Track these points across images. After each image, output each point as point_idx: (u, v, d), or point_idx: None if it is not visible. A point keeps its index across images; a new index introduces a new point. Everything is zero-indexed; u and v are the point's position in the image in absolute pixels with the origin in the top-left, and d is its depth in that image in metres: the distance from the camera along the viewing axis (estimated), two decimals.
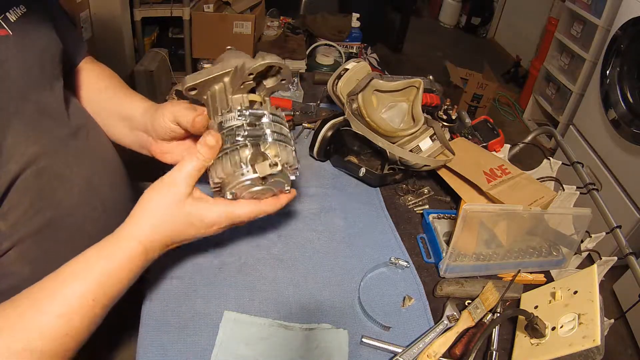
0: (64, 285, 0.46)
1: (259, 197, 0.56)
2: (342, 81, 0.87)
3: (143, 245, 0.50)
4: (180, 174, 0.51)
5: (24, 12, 0.55)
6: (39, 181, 0.54)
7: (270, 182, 0.54)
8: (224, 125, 0.54)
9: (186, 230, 0.53)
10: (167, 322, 0.59)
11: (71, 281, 0.47)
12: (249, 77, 0.55)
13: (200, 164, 0.52)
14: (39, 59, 0.56)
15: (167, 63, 2.55)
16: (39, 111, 0.55)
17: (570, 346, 0.56)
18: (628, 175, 1.81)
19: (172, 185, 0.51)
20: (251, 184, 0.53)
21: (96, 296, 0.47)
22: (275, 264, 0.69)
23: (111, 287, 0.48)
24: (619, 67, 1.87)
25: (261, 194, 0.55)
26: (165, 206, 0.51)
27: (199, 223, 0.53)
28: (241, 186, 0.52)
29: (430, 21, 4.61)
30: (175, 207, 0.51)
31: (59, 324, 0.44)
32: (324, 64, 2.08)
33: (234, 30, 2.16)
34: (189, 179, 0.52)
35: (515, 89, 3.46)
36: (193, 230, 0.53)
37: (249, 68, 0.54)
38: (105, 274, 0.48)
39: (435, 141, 0.83)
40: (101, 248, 0.50)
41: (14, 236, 0.52)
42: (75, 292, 0.46)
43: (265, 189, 0.55)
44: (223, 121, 0.54)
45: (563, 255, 0.77)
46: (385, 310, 0.65)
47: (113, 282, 0.48)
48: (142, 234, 0.50)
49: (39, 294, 0.45)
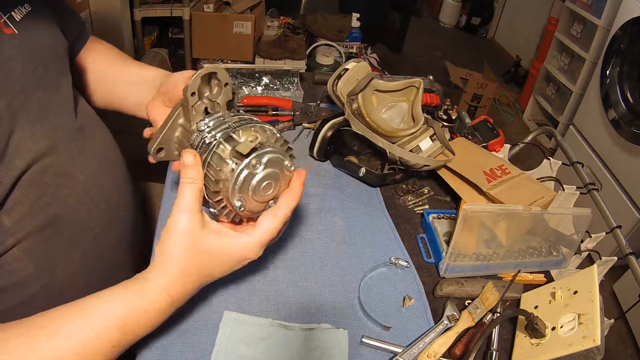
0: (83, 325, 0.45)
1: (270, 196, 0.52)
2: (342, 81, 0.87)
3: (170, 295, 0.49)
4: (183, 204, 0.48)
5: (29, 10, 0.55)
6: (44, 178, 0.54)
7: (266, 162, 0.49)
8: (194, 145, 0.52)
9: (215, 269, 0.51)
10: (167, 322, 0.59)
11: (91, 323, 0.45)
12: (194, 99, 0.53)
13: (193, 187, 0.49)
14: (45, 57, 0.57)
15: (167, 63, 2.54)
16: (45, 108, 0.55)
17: (570, 346, 0.56)
18: (628, 175, 1.81)
19: (180, 221, 0.48)
20: (249, 175, 0.48)
21: (117, 342, 0.46)
22: (275, 264, 0.69)
23: (133, 335, 0.48)
24: (619, 67, 1.87)
25: (269, 190, 0.51)
26: (184, 248, 0.48)
27: (228, 261, 0.51)
28: (240, 184, 0.48)
29: (430, 21, 4.61)
30: (194, 247, 0.48)
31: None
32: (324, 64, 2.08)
33: (234, 30, 2.15)
34: (193, 206, 0.48)
35: (515, 89, 3.46)
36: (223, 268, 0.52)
37: (186, 90, 0.52)
38: (128, 324, 0.47)
39: (435, 141, 0.83)
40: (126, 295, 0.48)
41: (19, 233, 0.52)
42: (95, 336, 0.44)
43: (267, 176, 0.50)
44: (192, 144, 0.52)
45: (563, 255, 0.77)
46: (385, 310, 0.65)
47: (134, 331, 0.48)
48: (168, 285, 0.48)
49: (54, 328, 0.44)
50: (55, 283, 0.58)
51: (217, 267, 0.51)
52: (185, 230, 0.48)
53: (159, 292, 0.48)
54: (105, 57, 0.77)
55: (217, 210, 0.52)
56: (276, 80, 1.17)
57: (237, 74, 1.17)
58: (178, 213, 0.48)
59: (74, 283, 0.61)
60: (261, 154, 0.49)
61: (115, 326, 0.46)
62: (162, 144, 0.57)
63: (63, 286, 0.59)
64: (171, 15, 2.42)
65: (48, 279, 0.57)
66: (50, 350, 0.42)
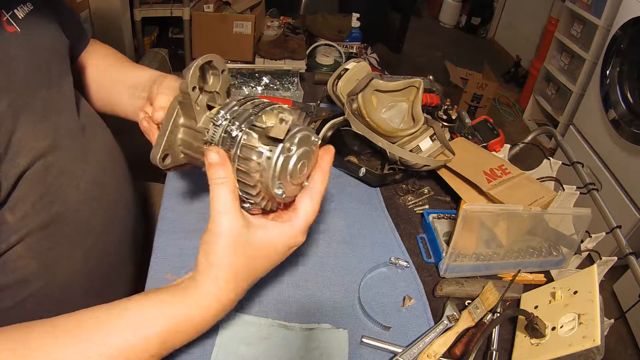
0: (117, 332, 0.42)
1: (304, 176, 0.50)
2: (342, 81, 0.87)
3: (222, 303, 0.46)
4: (220, 207, 0.45)
5: (31, 9, 0.55)
6: (46, 176, 0.54)
7: (298, 142, 0.46)
8: (214, 141, 0.48)
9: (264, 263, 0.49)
10: None
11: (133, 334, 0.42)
12: (195, 93, 0.49)
13: (227, 187, 0.45)
14: (47, 56, 0.57)
15: (167, 63, 2.54)
16: (48, 107, 0.56)
17: (570, 346, 0.56)
18: (628, 175, 1.81)
19: (222, 222, 0.45)
20: (286, 159, 0.45)
21: (157, 352, 0.44)
22: None
23: (173, 343, 0.45)
24: (619, 67, 1.87)
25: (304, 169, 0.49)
26: (231, 249, 0.45)
27: (276, 254, 0.49)
28: (279, 170, 0.45)
29: (430, 21, 4.62)
30: (242, 246, 0.46)
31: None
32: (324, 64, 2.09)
33: (234, 30, 2.16)
34: (232, 205, 0.46)
35: (515, 89, 3.46)
36: (272, 260, 0.50)
37: (185, 85, 0.48)
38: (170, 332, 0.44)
39: (435, 141, 0.83)
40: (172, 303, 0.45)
41: (22, 230, 0.52)
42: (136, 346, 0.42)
43: (301, 155, 0.47)
44: (210, 141, 0.48)
45: (563, 255, 0.77)
46: (385, 310, 0.65)
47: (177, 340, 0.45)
48: (219, 291, 0.46)
49: (83, 332, 0.42)
50: (57, 281, 0.58)
51: (265, 262, 0.49)
52: (230, 232, 0.45)
53: (209, 300, 0.45)
54: (104, 61, 0.76)
55: (254, 202, 0.48)
56: (276, 80, 1.17)
57: (237, 74, 1.17)
58: (219, 215, 0.45)
59: (76, 281, 0.61)
60: (293, 134, 0.45)
61: (155, 335, 0.43)
62: (167, 149, 0.52)
63: (65, 284, 0.60)
64: (171, 15, 2.42)
65: (50, 276, 0.57)
66: (78, 355, 0.40)
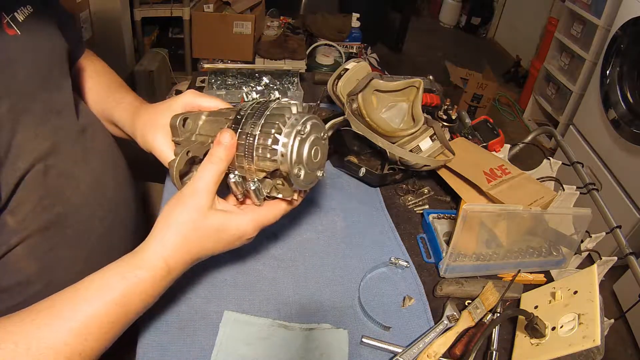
0: (82, 304, 0.45)
1: (319, 163, 0.53)
2: (342, 81, 0.87)
3: (167, 264, 0.48)
4: (200, 183, 0.49)
5: (31, 12, 0.55)
6: (47, 178, 0.54)
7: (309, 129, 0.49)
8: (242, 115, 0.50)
9: (214, 245, 0.51)
10: (167, 322, 0.59)
11: (89, 301, 0.45)
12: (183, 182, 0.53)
13: (216, 169, 0.49)
14: (48, 58, 0.57)
15: (167, 63, 2.55)
16: (48, 110, 0.56)
17: (570, 346, 0.56)
18: (628, 175, 1.81)
19: (193, 196, 0.49)
20: (301, 142, 0.48)
21: (115, 318, 0.46)
22: (275, 264, 0.69)
23: (131, 308, 0.47)
24: (619, 67, 1.87)
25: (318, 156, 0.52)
26: (188, 221, 0.48)
27: (228, 237, 0.51)
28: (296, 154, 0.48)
29: (430, 21, 4.62)
30: (199, 221, 0.49)
31: (74, 344, 0.43)
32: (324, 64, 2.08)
33: (234, 30, 2.16)
34: (209, 187, 0.49)
35: (515, 89, 3.46)
36: (221, 244, 0.52)
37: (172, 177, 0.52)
38: (126, 296, 0.46)
39: (435, 141, 0.83)
40: (123, 267, 0.47)
41: (22, 232, 0.52)
42: (93, 313, 0.44)
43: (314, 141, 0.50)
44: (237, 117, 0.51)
45: (563, 255, 0.77)
46: (385, 310, 0.65)
47: (134, 303, 0.47)
48: (166, 252, 0.48)
49: (55, 311, 0.44)
50: (58, 282, 0.58)
51: (218, 242, 0.51)
52: (195, 207, 0.48)
53: (156, 260, 0.47)
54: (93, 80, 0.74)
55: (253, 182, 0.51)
56: (276, 80, 1.17)
57: (237, 74, 1.17)
58: (192, 190, 0.49)
59: (77, 282, 0.61)
60: (305, 120, 0.49)
61: (113, 301, 0.45)
62: None
63: (66, 285, 0.59)
64: (171, 15, 2.42)
65: (51, 278, 0.57)
66: (51, 333, 0.42)
